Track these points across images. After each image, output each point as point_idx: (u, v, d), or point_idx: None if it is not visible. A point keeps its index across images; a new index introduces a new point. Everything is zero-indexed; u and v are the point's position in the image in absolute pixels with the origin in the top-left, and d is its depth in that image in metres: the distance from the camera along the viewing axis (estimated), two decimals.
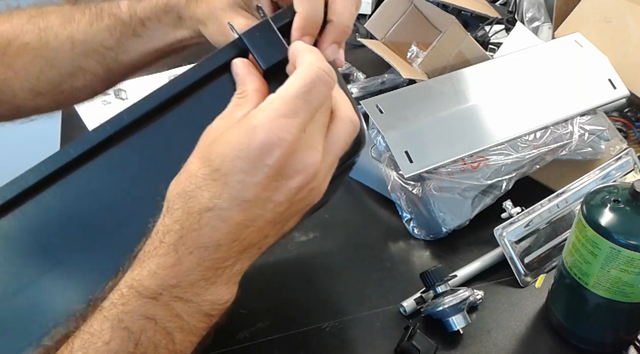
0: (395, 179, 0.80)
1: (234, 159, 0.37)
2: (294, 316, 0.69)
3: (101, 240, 0.44)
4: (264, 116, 0.38)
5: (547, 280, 0.74)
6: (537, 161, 0.84)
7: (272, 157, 0.37)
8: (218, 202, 0.38)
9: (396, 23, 1.14)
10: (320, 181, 0.41)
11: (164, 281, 0.38)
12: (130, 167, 0.46)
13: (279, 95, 0.39)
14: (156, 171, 0.42)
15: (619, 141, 0.89)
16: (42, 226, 0.44)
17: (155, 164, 0.45)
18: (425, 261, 0.78)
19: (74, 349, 0.38)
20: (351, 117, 0.43)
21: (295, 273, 0.76)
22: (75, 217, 0.45)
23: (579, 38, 0.96)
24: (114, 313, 0.38)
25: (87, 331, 0.38)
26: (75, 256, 0.44)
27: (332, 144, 0.41)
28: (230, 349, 0.65)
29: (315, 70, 0.39)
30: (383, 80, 1.06)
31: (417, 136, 0.80)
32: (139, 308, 0.38)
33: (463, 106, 0.84)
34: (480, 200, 0.81)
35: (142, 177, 0.45)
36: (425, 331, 0.65)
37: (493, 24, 1.22)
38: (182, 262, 0.38)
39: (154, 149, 0.46)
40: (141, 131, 0.46)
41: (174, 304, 0.39)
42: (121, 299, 0.39)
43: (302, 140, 0.38)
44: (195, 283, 0.39)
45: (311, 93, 0.39)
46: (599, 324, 0.65)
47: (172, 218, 0.39)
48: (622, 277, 0.59)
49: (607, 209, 0.60)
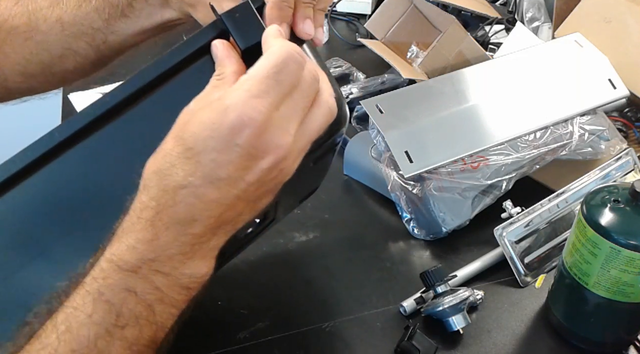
0: (395, 179, 0.80)
1: (206, 139, 0.38)
2: (294, 316, 0.69)
3: (85, 222, 0.45)
4: (235, 96, 0.38)
5: (547, 280, 0.74)
6: (537, 161, 0.84)
7: (243, 137, 0.38)
8: (192, 180, 0.39)
9: (396, 23, 1.14)
10: (291, 161, 0.41)
11: (142, 255, 0.39)
12: (113, 150, 0.46)
13: (250, 75, 0.39)
14: (138, 153, 0.42)
15: (619, 141, 0.89)
16: (25, 211, 0.45)
17: (137, 146, 0.45)
18: (425, 261, 0.78)
19: (57, 323, 0.39)
20: (330, 104, 0.43)
21: (295, 273, 0.76)
22: (59, 202, 0.45)
23: (579, 38, 0.96)
24: (95, 287, 0.39)
25: (69, 306, 0.39)
26: (59, 239, 0.45)
27: (305, 129, 0.42)
28: (230, 349, 0.65)
29: (286, 50, 0.40)
30: (383, 80, 1.06)
31: (417, 136, 0.80)
32: (120, 281, 0.39)
33: (463, 106, 0.84)
34: (480, 200, 0.81)
35: (124, 159, 0.46)
36: (425, 331, 0.65)
37: (493, 24, 1.22)
38: (159, 237, 0.39)
39: (136, 131, 0.46)
40: (124, 115, 0.46)
41: (153, 277, 0.39)
42: (102, 273, 0.39)
43: (274, 120, 0.39)
44: (172, 256, 0.40)
45: (282, 73, 0.39)
46: (599, 324, 0.65)
47: (148, 195, 0.40)
48: (622, 277, 0.59)
49: (607, 209, 0.60)
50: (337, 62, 1.16)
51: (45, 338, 0.39)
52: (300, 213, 0.83)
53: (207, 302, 0.68)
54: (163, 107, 0.45)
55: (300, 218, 0.83)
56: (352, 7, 1.43)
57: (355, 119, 0.98)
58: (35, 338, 0.39)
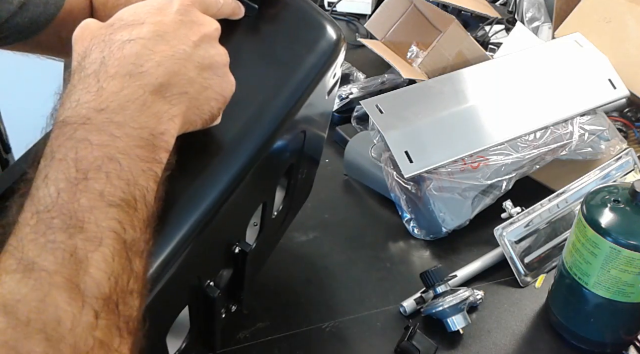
0: (395, 179, 0.80)
1: (143, 9, 0.40)
2: (294, 316, 0.69)
3: None
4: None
5: (547, 280, 0.74)
6: (537, 161, 0.84)
7: (175, 5, 0.40)
8: (140, 34, 0.38)
9: (396, 23, 1.14)
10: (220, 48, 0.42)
11: (89, 106, 0.36)
12: None
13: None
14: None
15: (619, 141, 0.89)
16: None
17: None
18: (425, 261, 0.78)
19: (15, 196, 0.35)
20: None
21: (295, 273, 0.76)
22: None
23: (579, 38, 0.96)
24: (47, 151, 0.35)
25: (26, 179, 0.35)
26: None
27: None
28: (230, 349, 0.65)
29: None
30: (383, 80, 1.06)
31: (417, 136, 0.80)
32: (70, 136, 0.35)
33: (463, 106, 0.84)
34: (480, 200, 0.81)
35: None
36: (425, 331, 0.65)
37: (493, 24, 1.22)
38: (105, 87, 0.36)
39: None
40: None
41: (107, 127, 0.35)
42: (50, 140, 0.36)
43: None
44: (124, 106, 0.36)
45: None
46: (599, 324, 0.65)
47: (89, 59, 0.38)
48: (622, 277, 0.59)
49: (607, 209, 0.60)
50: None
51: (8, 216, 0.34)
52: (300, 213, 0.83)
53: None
54: None
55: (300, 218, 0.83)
56: (352, 7, 1.43)
57: (355, 119, 0.98)
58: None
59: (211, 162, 0.44)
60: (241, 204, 0.49)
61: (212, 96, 0.41)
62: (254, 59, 0.50)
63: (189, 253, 0.41)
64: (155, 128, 0.37)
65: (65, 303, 0.30)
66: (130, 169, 0.35)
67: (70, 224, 0.32)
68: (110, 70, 0.37)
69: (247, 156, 0.46)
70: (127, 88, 0.37)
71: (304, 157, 0.60)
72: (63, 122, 0.35)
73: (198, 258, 0.44)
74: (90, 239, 0.32)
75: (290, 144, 0.54)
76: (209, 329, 0.53)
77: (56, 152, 0.34)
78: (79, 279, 0.31)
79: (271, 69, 0.50)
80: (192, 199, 0.42)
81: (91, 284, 0.31)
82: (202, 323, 0.51)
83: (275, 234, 0.68)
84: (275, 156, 0.51)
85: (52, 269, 0.31)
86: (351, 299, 0.72)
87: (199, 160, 0.44)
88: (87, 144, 0.35)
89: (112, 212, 0.34)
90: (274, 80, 0.49)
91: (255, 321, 0.68)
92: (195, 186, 0.43)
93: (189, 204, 0.42)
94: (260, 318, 0.68)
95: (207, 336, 0.54)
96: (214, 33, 0.42)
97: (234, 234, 0.51)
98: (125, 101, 0.36)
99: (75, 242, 0.32)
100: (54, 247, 0.31)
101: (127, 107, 0.36)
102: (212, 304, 0.49)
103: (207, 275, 0.48)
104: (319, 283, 0.74)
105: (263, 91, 0.48)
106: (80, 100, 0.36)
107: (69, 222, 0.32)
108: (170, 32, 0.39)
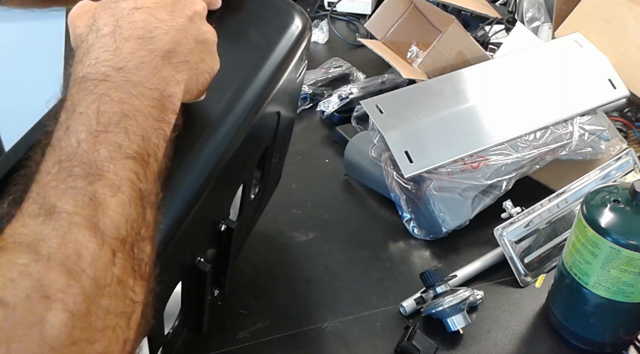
0: (395, 179, 0.80)
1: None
2: (294, 316, 0.69)
3: None
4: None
5: (547, 280, 0.74)
6: (537, 161, 0.84)
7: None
8: (145, 4, 0.41)
9: (396, 23, 1.14)
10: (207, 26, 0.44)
11: (110, 64, 0.38)
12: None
13: None
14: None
15: (619, 141, 0.89)
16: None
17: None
18: (425, 261, 0.78)
19: (38, 147, 0.37)
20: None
21: (295, 273, 0.76)
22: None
23: (579, 38, 0.96)
24: (67, 105, 0.37)
25: (47, 136, 0.37)
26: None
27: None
28: (230, 349, 0.65)
29: None
30: (383, 80, 1.06)
31: (417, 136, 0.80)
32: (91, 90, 0.37)
33: (463, 106, 0.84)
34: (480, 200, 0.81)
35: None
36: (425, 331, 0.65)
37: (493, 24, 1.22)
38: (121, 47, 0.39)
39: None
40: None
41: (125, 85, 0.38)
42: (71, 94, 0.38)
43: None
44: (139, 66, 0.39)
45: None
46: (599, 324, 0.65)
47: (102, 22, 0.40)
48: (622, 277, 0.59)
49: (607, 209, 0.60)
50: (337, 62, 1.16)
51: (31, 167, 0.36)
52: (300, 213, 0.84)
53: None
54: None
55: (300, 218, 0.83)
56: (352, 7, 1.43)
57: (355, 119, 0.98)
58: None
59: (199, 138, 0.47)
60: (226, 182, 0.51)
61: (206, 69, 0.44)
62: (231, 41, 0.52)
63: (184, 228, 0.43)
64: (165, 90, 0.40)
65: (86, 240, 0.32)
66: (145, 126, 0.38)
67: (90, 172, 0.34)
68: (124, 33, 0.39)
69: (231, 133, 0.48)
70: (141, 51, 0.39)
71: (278, 139, 0.63)
72: (83, 78, 0.38)
73: (191, 234, 0.46)
74: (109, 186, 0.34)
75: (268, 124, 0.58)
76: (198, 307, 0.55)
77: (77, 106, 0.36)
78: (98, 220, 0.33)
79: (246, 52, 0.53)
80: (184, 175, 0.44)
81: (110, 225, 0.33)
82: (194, 301, 0.54)
83: (251, 221, 0.70)
84: (255, 135, 0.54)
85: (72, 211, 0.32)
86: (351, 299, 0.72)
87: (187, 137, 0.45)
88: (108, 100, 0.37)
89: (129, 164, 0.36)
90: (251, 62, 0.52)
91: (255, 321, 0.68)
92: (188, 161, 0.45)
93: (181, 181, 0.44)
94: (260, 318, 0.68)
95: (196, 316, 0.56)
96: (203, 12, 0.44)
97: (220, 212, 0.54)
98: (140, 62, 0.39)
99: (95, 188, 0.34)
100: (74, 192, 0.33)
101: (142, 68, 0.39)
102: (204, 278, 0.51)
103: (198, 251, 0.51)
104: (319, 283, 0.74)
105: (242, 71, 0.51)
106: (99, 58, 0.38)
107: (89, 171, 0.34)
108: (169, 5, 0.42)
